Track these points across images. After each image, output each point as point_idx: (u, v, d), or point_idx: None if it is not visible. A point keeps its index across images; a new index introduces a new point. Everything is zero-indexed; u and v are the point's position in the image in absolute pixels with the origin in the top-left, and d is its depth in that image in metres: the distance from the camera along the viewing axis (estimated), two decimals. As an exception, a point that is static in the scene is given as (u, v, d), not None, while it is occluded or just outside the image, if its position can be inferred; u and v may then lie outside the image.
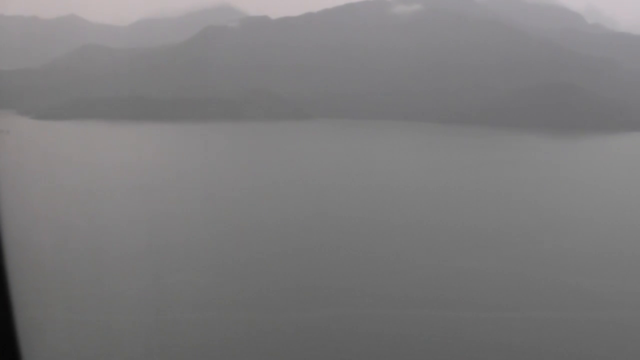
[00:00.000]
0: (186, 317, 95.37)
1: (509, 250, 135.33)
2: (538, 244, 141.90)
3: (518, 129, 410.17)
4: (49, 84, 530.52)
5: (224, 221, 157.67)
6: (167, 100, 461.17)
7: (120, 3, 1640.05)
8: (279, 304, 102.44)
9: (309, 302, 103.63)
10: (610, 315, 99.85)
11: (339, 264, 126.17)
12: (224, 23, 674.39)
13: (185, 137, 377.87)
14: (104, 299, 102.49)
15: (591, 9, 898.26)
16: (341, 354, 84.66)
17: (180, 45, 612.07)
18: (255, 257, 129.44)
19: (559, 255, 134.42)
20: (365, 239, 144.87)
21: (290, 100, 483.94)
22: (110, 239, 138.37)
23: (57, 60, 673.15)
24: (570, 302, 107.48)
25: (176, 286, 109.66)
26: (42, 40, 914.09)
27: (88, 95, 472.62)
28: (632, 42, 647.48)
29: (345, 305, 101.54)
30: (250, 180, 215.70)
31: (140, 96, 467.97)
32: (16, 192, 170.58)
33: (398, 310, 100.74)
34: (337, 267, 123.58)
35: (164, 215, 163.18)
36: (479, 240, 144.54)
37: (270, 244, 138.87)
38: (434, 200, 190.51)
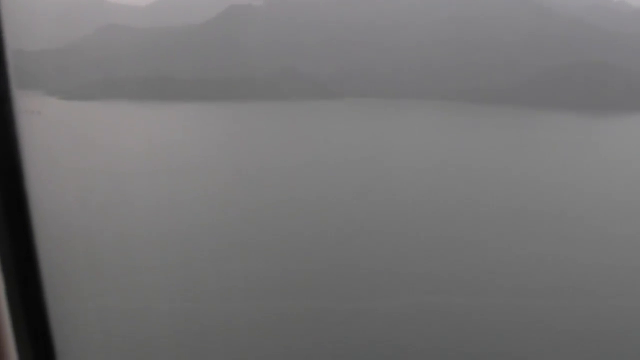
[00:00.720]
0: (213, 304, 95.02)
1: (550, 235, 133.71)
2: (581, 227, 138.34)
3: (552, 109, 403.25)
4: (74, 64, 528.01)
5: (253, 202, 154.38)
6: (195, 81, 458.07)
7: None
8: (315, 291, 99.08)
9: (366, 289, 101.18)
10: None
11: (375, 247, 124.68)
12: (248, 2, 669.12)
13: (213, 117, 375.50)
14: (134, 285, 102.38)
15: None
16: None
17: (204, 25, 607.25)
18: (292, 238, 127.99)
19: (602, 238, 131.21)
20: (399, 221, 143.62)
21: (320, 79, 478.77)
22: (140, 223, 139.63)
23: (81, 40, 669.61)
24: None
25: (205, 272, 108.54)
26: (64, 21, 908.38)
27: (115, 75, 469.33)
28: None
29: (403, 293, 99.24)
30: (279, 162, 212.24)
31: (167, 76, 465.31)
32: (47, 174, 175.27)
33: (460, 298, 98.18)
34: (374, 250, 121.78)
35: (193, 198, 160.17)
36: (520, 223, 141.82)
37: (302, 225, 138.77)
38: (467, 182, 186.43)
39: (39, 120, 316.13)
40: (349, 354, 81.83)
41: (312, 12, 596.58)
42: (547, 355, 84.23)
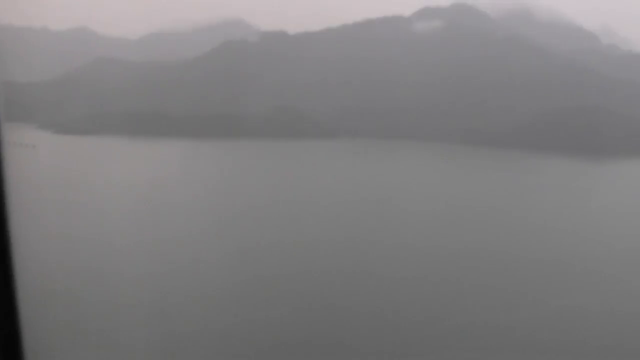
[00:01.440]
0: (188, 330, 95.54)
1: (540, 277, 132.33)
2: (573, 271, 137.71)
3: (546, 152, 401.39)
4: (66, 97, 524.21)
5: (239, 241, 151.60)
6: (189, 116, 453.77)
7: (130, 16, 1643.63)
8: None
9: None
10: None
11: (356, 285, 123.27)
12: (242, 37, 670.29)
13: (207, 154, 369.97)
14: (109, 318, 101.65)
15: (606, 30, 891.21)
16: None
17: (198, 59, 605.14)
18: (283, 279, 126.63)
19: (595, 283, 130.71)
20: (385, 262, 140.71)
21: (316, 118, 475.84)
22: (121, 257, 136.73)
23: (72, 72, 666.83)
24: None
25: (183, 308, 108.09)
26: (54, 52, 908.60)
27: (108, 109, 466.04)
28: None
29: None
30: (271, 200, 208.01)
31: (161, 112, 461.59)
32: (37, 207, 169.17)
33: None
34: (353, 289, 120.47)
35: (183, 237, 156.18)
36: (507, 265, 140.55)
37: (287, 264, 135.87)
38: (458, 224, 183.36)
39: (33, 153, 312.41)
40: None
41: (307, 50, 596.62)
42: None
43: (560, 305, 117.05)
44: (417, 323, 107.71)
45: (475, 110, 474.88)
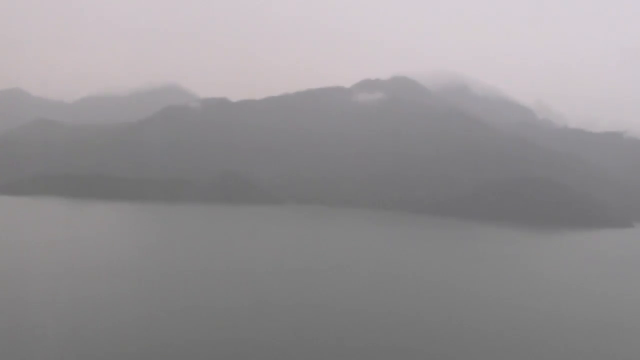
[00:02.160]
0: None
1: (475, 346, 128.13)
2: (505, 340, 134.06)
3: (489, 222, 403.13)
4: (3, 158, 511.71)
5: (181, 308, 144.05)
6: (131, 180, 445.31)
7: (65, 79, 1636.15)
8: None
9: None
10: None
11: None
12: (183, 103, 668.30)
13: (150, 217, 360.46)
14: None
15: (541, 105, 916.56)
16: None
17: (140, 123, 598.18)
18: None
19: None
20: (328, 326, 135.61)
21: (259, 184, 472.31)
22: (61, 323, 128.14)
23: (8, 133, 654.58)
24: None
25: None
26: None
27: (47, 171, 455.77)
28: (588, 138, 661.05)
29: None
30: (215, 265, 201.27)
31: (103, 174, 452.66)
32: None
33: None
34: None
35: (120, 301, 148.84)
36: (444, 331, 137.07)
37: (236, 330, 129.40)
38: (398, 289, 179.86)
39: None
40: None
41: (249, 117, 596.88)
42: None
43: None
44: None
45: (419, 180, 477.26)
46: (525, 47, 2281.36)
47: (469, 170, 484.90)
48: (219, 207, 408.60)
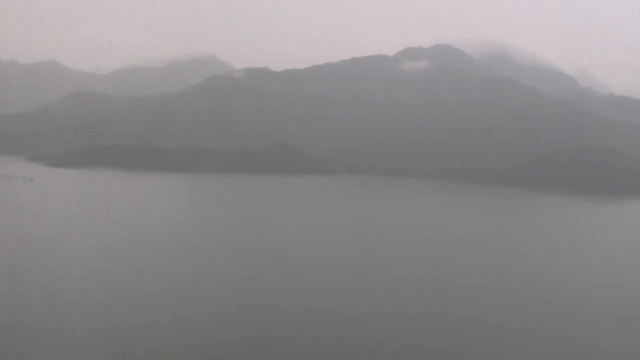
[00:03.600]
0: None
1: (539, 316, 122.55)
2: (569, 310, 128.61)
3: (550, 191, 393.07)
4: (49, 129, 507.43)
5: (232, 276, 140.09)
6: (181, 150, 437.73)
7: (99, 51, 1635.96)
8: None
9: None
10: None
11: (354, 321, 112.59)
12: (222, 73, 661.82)
13: (203, 188, 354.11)
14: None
15: (583, 73, 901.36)
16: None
17: (184, 93, 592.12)
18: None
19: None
20: (383, 296, 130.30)
21: (311, 153, 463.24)
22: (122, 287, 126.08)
23: (49, 104, 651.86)
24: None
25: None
26: (25, 85, 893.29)
27: (97, 142, 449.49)
28: (635, 105, 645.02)
29: None
30: (266, 237, 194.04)
31: (152, 145, 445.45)
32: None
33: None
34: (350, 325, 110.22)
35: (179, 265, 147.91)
36: (507, 303, 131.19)
37: (291, 300, 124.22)
38: (455, 260, 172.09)
39: (30, 187, 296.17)
40: None
41: (294, 86, 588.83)
42: None
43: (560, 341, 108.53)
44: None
45: (473, 149, 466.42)
46: (566, 13, 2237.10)
47: (525, 139, 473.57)
48: (273, 177, 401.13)
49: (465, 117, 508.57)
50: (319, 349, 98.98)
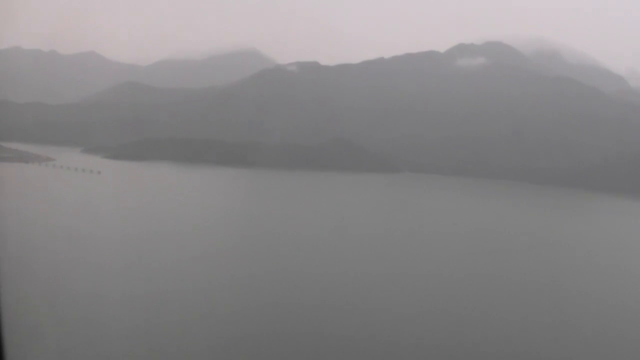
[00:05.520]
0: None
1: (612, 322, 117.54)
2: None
3: (614, 194, 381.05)
4: (101, 121, 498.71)
5: (289, 276, 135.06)
6: (241, 145, 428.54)
7: (138, 43, 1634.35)
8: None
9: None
10: None
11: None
12: (268, 67, 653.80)
13: (260, 183, 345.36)
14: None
15: (633, 73, 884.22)
16: None
17: (234, 87, 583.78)
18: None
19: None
20: (454, 299, 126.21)
21: (371, 150, 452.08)
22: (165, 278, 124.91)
23: (96, 96, 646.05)
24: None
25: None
26: (66, 76, 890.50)
27: (153, 135, 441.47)
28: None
29: None
30: (321, 237, 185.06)
31: (209, 139, 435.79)
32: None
33: None
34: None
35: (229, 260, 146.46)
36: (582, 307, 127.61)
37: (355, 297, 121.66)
38: (526, 263, 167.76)
39: (98, 179, 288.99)
40: None
41: (348, 81, 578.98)
42: None
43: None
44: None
45: (539, 149, 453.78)
46: (615, 12, 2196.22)
47: (590, 139, 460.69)
48: (338, 174, 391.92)
49: (527, 115, 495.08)
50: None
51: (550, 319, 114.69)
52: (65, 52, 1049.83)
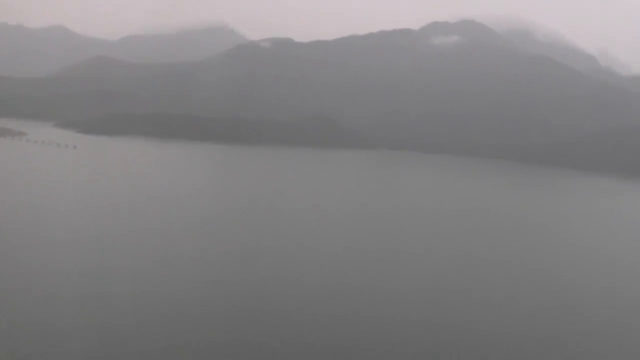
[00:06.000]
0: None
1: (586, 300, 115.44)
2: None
3: (588, 171, 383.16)
4: (71, 95, 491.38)
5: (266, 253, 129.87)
6: (216, 120, 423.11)
7: (107, 17, 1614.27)
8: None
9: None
10: None
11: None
12: (251, 42, 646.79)
13: (237, 160, 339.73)
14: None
15: (603, 53, 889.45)
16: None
17: (208, 62, 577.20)
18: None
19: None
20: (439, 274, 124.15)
21: (347, 126, 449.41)
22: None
23: (68, 70, 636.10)
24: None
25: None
26: (36, 50, 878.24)
27: (124, 110, 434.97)
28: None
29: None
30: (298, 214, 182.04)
31: (187, 114, 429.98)
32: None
33: None
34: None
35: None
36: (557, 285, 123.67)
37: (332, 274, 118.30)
38: (499, 240, 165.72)
39: (71, 154, 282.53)
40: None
41: (323, 57, 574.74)
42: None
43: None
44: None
45: (515, 126, 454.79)
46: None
47: (566, 117, 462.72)
48: (314, 151, 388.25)
49: (503, 93, 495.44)
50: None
51: (529, 293, 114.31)
52: (33, 25, 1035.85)
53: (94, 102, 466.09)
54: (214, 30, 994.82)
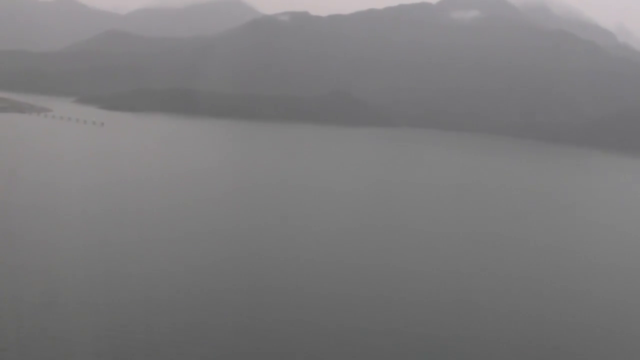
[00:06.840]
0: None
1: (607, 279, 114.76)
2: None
3: (613, 150, 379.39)
4: (88, 70, 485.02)
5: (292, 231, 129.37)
6: (237, 97, 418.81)
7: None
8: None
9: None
10: None
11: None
12: (269, 16, 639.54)
13: (258, 136, 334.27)
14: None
15: (621, 29, 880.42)
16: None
17: (224, 37, 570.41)
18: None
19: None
20: (464, 255, 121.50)
21: (369, 103, 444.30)
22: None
23: (83, 44, 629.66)
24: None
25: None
26: (45, 23, 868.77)
27: (144, 85, 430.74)
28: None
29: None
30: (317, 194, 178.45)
31: (209, 90, 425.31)
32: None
33: None
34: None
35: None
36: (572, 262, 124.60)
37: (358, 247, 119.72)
38: (525, 218, 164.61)
39: (101, 131, 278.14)
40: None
41: (343, 32, 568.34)
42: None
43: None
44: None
45: (538, 104, 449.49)
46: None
47: (588, 95, 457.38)
48: (331, 127, 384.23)
49: (525, 68, 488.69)
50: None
51: (545, 273, 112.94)
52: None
53: (110, 78, 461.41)
54: (225, 3, 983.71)
